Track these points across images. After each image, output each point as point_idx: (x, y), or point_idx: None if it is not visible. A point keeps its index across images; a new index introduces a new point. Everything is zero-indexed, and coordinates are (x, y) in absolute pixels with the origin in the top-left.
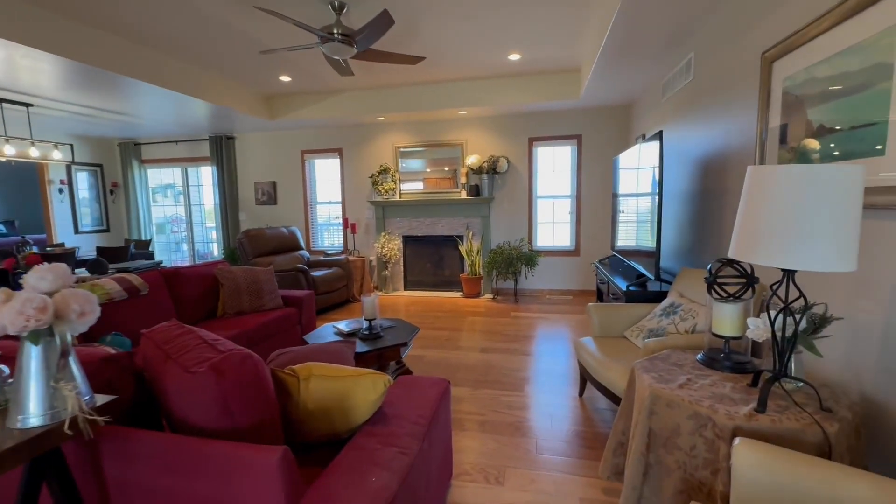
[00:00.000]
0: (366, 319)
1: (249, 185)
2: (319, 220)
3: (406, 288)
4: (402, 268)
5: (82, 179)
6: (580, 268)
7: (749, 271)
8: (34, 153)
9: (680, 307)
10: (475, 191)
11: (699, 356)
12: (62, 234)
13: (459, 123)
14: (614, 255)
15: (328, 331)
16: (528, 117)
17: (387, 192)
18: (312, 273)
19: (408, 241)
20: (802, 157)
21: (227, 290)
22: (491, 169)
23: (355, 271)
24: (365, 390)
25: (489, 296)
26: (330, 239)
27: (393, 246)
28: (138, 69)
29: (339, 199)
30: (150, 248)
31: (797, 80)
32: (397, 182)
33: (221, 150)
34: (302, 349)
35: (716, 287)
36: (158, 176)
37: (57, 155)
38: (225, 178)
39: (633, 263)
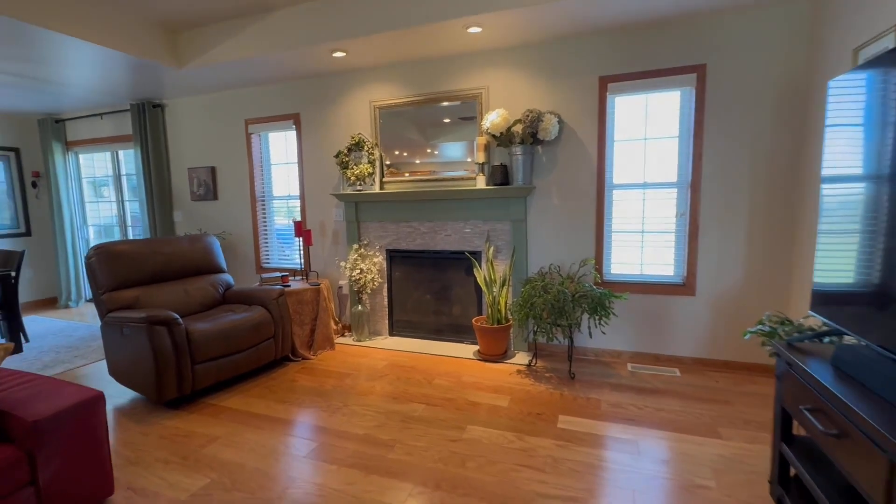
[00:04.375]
0: None
1: (183, 173)
2: (277, 223)
3: (392, 332)
4: (385, 301)
5: None
6: (697, 317)
7: None
8: None
9: None
10: (501, 175)
11: None
12: None
13: (473, 60)
14: (837, 330)
15: None
16: (597, 37)
17: (359, 179)
18: (196, 324)
19: (394, 257)
20: None
21: None
22: (529, 135)
23: (304, 308)
24: None
25: (523, 357)
26: (294, 253)
27: (371, 266)
28: None
29: (299, 193)
30: (11, 269)
31: None
32: (376, 164)
33: (145, 124)
34: None
35: None
36: (92, 163)
37: None
38: (151, 164)
39: None
